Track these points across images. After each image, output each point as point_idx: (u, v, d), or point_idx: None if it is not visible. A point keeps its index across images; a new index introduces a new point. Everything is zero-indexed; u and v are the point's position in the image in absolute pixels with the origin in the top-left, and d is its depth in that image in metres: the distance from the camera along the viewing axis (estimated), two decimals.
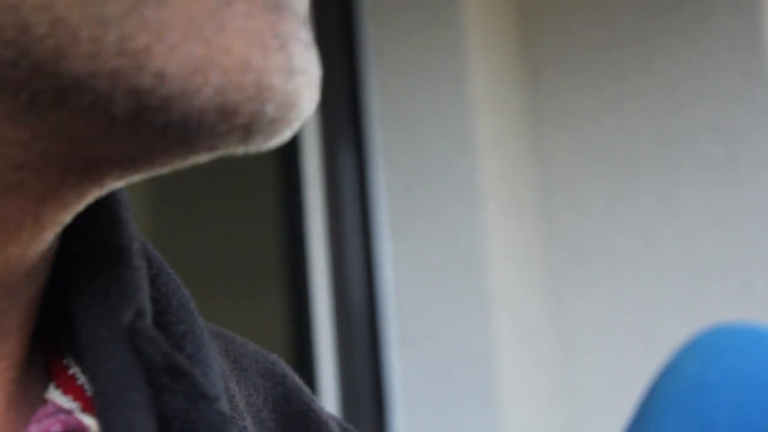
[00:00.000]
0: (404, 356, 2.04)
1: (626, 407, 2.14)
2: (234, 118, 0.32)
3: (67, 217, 0.36)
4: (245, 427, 0.43)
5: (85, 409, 0.37)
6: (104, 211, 0.40)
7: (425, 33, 2.09)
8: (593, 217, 2.19)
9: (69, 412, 0.37)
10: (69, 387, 0.38)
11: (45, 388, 0.38)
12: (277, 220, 2.04)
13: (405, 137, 2.09)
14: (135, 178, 0.35)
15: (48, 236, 0.36)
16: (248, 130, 0.33)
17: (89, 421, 0.37)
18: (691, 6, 2.13)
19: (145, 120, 0.32)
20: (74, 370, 0.39)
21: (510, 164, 2.16)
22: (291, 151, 1.99)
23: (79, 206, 0.36)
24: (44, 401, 0.37)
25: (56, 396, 0.37)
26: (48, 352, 0.40)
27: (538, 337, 2.15)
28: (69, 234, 0.39)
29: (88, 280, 0.38)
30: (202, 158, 0.34)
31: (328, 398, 1.95)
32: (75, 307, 0.38)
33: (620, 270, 2.15)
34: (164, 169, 0.35)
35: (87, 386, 0.38)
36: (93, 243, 0.39)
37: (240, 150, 0.34)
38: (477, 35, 2.10)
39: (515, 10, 2.27)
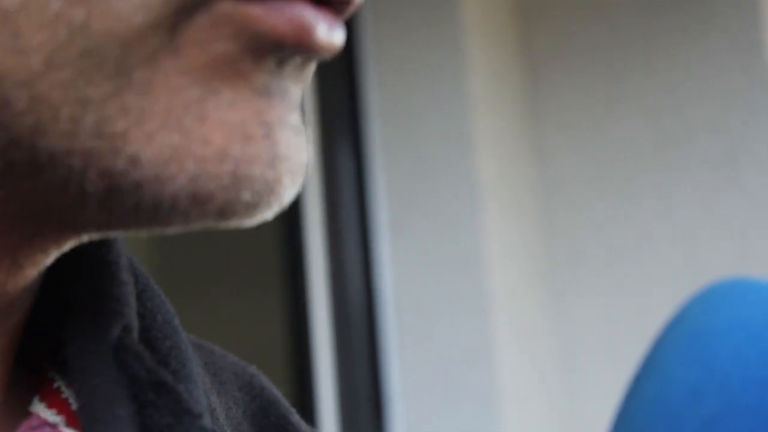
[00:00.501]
0: (403, 356, 2.04)
1: None
2: (207, 205, 0.32)
3: (47, 259, 0.36)
4: None
5: (70, 424, 0.37)
6: None
7: (424, 31, 2.09)
8: (592, 217, 2.19)
9: (53, 426, 0.37)
10: (54, 401, 0.38)
11: (30, 403, 0.38)
12: (275, 220, 2.03)
13: (404, 136, 2.09)
14: (113, 235, 0.35)
15: (29, 273, 0.36)
16: (222, 214, 0.33)
17: None
18: (691, 6, 2.13)
19: (116, 199, 0.32)
20: (59, 384, 0.38)
21: (509, 164, 2.15)
22: None
23: (59, 252, 0.36)
24: (29, 414, 0.37)
25: (41, 410, 0.37)
26: (33, 366, 0.40)
27: (537, 337, 2.15)
28: None
29: (76, 295, 0.39)
30: (178, 230, 0.34)
31: (327, 399, 1.95)
32: (62, 321, 0.38)
33: (619, 270, 2.15)
34: (140, 233, 0.35)
35: (72, 400, 0.38)
36: (81, 257, 0.39)
37: (214, 226, 0.34)
38: (476, 34, 2.10)
39: (515, 8, 2.27)
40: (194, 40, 0.31)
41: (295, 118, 0.34)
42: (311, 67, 0.35)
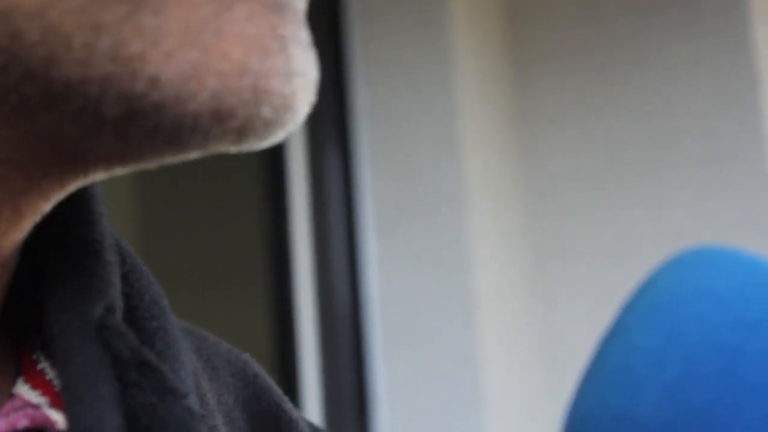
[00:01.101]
0: (388, 357, 2.04)
1: None
2: (228, 122, 0.32)
3: (47, 206, 0.35)
4: (216, 426, 0.43)
5: (54, 404, 0.37)
6: (77, 204, 0.39)
7: (412, 33, 2.09)
8: (579, 218, 2.19)
9: (37, 407, 0.36)
10: (38, 382, 0.37)
11: (14, 383, 0.38)
12: (262, 220, 2.03)
13: (391, 137, 2.09)
14: (121, 171, 0.35)
15: (26, 225, 0.35)
16: (242, 132, 0.32)
17: (57, 416, 0.36)
18: (680, 8, 2.13)
19: (135, 123, 0.31)
20: (44, 364, 0.38)
21: (496, 165, 2.16)
22: (276, 150, 1.98)
23: (61, 195, 0.35)
24: (12, 395, 0.37)
25: (24, 390, 0.37)
26: (18, 346, 0.39)
27: (523, 337, 2.15)
28: (40, 226, 0.39)
29: (59, 274, 0.38)
30: (192, 156, 0.34)
31: (312, 399, 1.95)
32: (46, 300, 0.38)
33: (606, 271, 2.15)
34: (151, 164, 0.35)
35: (56, 381, 0.37)
36: (65, 236, 0.39)
37: (232, 149, 0.34)
38: (464, 36, 2.10)
39: (503, 10, 2.27)
40: None
41: (304, 34, 0.34)
42: None
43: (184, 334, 0.47)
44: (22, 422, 0.35)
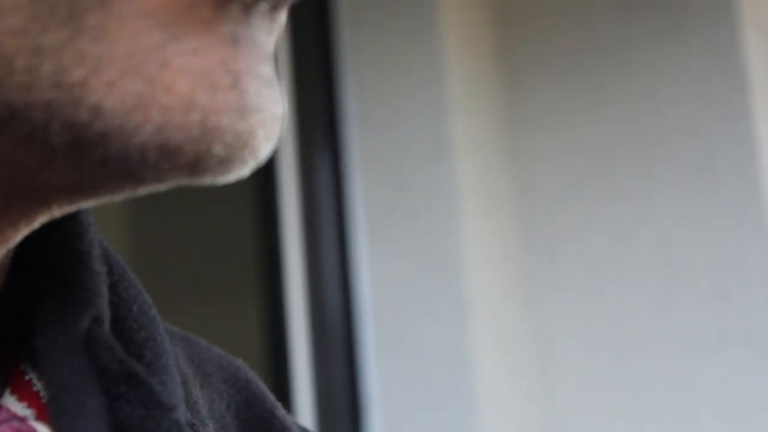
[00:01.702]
0: (380, 360, 2.04)
1: (602, 410, 2.15)
2: (177, 158, 0.31)
3: (17, 236, 0.35)
4: None
5: (40, 417, 0.36)
6: (65, 214, 0.39)
7: (402, 37, 2.09)
8: (570, 221, 2.19)
9: (22, 420, 0.36)
10: (25, 394, 0.37)
11: (1, 394, 0.37)
12: (253, 224, 2.03)
13: (382, 141, 2.09)
14: (86, 204, 0.34)
15: (0, 252, 0.35)
16: (194, 168, 0.32)
17: (42, 429, 0.36)
18: (669, 11, 2.13)
19: (84, 153, 0.31)
20: (31, 376, 0.38)
21: (487, 168, 2.16)
22: None
23: (29, 228, 0.35)
24: None
25: (11, 402, 0.37)
26: (7, 357, 0.39)
27: (515, 340, 2.15)
28: (28, 236, 0.38)
29: (47, 285, 0.38)
30: (154, 189, 0.33)
31: (304, 403, 1.95)
32: (33, 312, 0.37)
33: (596, 274, 2.16)
34: (116, 197, 0.34)
35: (43, 393, 0.37)
36: (52, 246, 0.39)
37: (195, 183, 0.33)
38: (454, 40, 2.10)
39: (492, 14, 2.28)
40: None
41: (266, 69, 0.33)
42: (282, 17, 0.34)
43: (176, 339, 0.46)
44: None
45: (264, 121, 0.32)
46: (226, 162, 0.32)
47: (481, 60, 2.21)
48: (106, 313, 0.38)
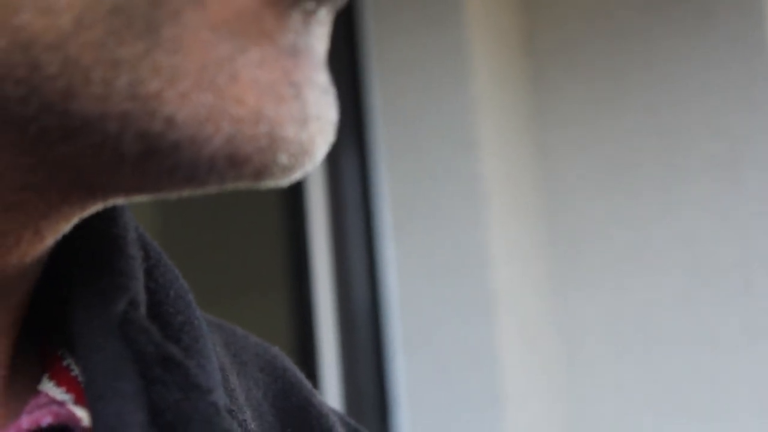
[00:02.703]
0: (408, 357, 2.04)
1: (629, 406, 2.14)
2: (244, 167, 0.32)
3: (67, 226, 0.35)
4: (245, 420, 0.43)
5: (79, 401, 0.37)
6: None
7: (427, 32, 2.09)
8: (596, 216, 2.19)
9: (61, 404, 0.36)
10: (62, 378, 0.38)
11: (40, 380, 0.38)
12: (281, 221, 2.04)
13: (407, 137, 2.09)
14: (141, 198, 0.35)
15: (47, 243, 0.36)
16: (258, 175, 0.33)
17: (81, 413, 0.36)
18: (694, 4, 2.13)
19: (153, 161, 0.31)
20: (68, 361, 0.38)
21: (513, 164, 2.15)
22: None
23: (82, 217, 0.35)
24: (37, 392, 0.37)
25: (49, 387, 0.37)
26: (43, 343, 0.40)
27: (541, 336, 2.15)
28: None
29: (82, 269, 0.38)
30: (211, 190, 0.34)
31: (332, 400, 1.95)
32: (69, 296, 0.38)
33: (622, 268, 2.15)
34: (171, 195, 0.35)
35: (81, 378, 0.37)
36: (88, 231, 0.39)
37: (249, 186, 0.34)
38: (479, 34, 2.10)
39: (518, 8, 2.27)
40: None
41: (322, 76, 0.34)
42: (329, 24, 0.35)
43: (212, 328, 0.47)
44: (46, 419, 0.35)
45: (322, 128, 0.34)
46: (288, 169, 0.33)
47: (507, 55, 2.21)
48: (142, 297, 0.38)
